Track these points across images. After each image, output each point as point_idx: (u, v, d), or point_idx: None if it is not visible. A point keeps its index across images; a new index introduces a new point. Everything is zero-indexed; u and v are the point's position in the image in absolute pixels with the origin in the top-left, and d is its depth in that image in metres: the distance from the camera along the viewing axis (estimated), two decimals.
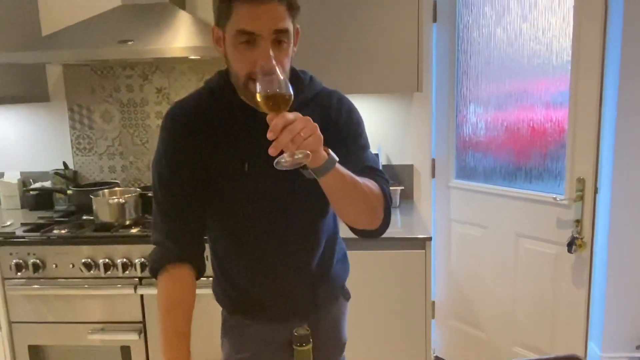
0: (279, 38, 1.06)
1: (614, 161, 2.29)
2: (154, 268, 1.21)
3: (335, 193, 1.09)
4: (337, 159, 1.02)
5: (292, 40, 1.10)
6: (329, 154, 1.00)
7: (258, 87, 0.94)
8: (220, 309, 1.40)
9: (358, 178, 1.10)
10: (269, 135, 0.90)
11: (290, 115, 0.92)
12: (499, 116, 2.45)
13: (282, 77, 0.94)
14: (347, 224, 1.20)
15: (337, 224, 1.37)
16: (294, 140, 0.90)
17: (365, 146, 1.26)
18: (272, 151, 0.90)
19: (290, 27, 1.08)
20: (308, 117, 0.94)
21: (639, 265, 2.36)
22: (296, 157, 0.89)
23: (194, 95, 1.26)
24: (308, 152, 0.91)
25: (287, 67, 1.11)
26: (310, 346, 0.90)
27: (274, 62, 0.97)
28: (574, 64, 2.09)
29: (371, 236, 1.21)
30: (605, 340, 2.43)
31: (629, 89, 2.22)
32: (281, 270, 1.29)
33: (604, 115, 2.13)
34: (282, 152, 0.92)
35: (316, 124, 0.95)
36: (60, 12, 2.62)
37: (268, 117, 0.92)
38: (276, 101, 0.93)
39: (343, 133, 1.21)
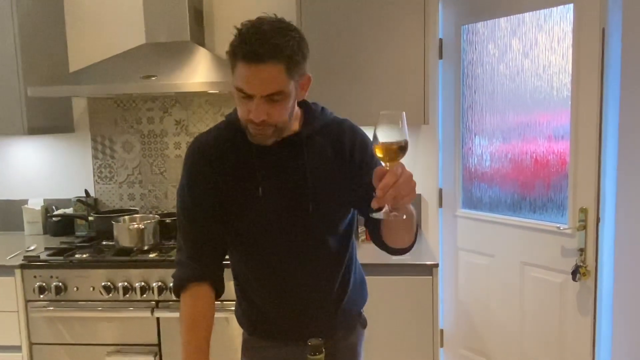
0: (272, 98, 1.14)
1: (617, 191, 2.35)
2: (177, 285, 1.29)
3: (397, 228, 1.24)
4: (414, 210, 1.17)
5: (290, 94, 1.17)
6: None
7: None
8: (241, 330, 1.46)
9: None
10: (379, 193, 1.02)
11: (399, 169, 1.04)
12: (503, 148, 2.54)
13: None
14: (387, 246, 1.31)
15: (354, 248, 1.43)
16: (396, 198, 1.02)
17: None
18: (374, 205, 1.03)
19: (286, 86, 1.14)
20: (410, 174, 1.05)
21: None
22: (393, 213, 1.05)
23: (214, 129, 1.37)
24: (404, 216, 1.08)
25: (284, 117, 1.19)
26: (322, 356, 0.97)
27: (263, 117, 1.14)
28: (574, 99, 2.19)
29: (405, 252, 1.33)
30: None
31: (629, 120, 2.30)
32: (298, 292, 1.35)
33: (606, 146, 2.21)
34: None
35: (415, 182, 1.06)
36: (87, 51, 2.79)
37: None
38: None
39: (358, 161, 1.30)
